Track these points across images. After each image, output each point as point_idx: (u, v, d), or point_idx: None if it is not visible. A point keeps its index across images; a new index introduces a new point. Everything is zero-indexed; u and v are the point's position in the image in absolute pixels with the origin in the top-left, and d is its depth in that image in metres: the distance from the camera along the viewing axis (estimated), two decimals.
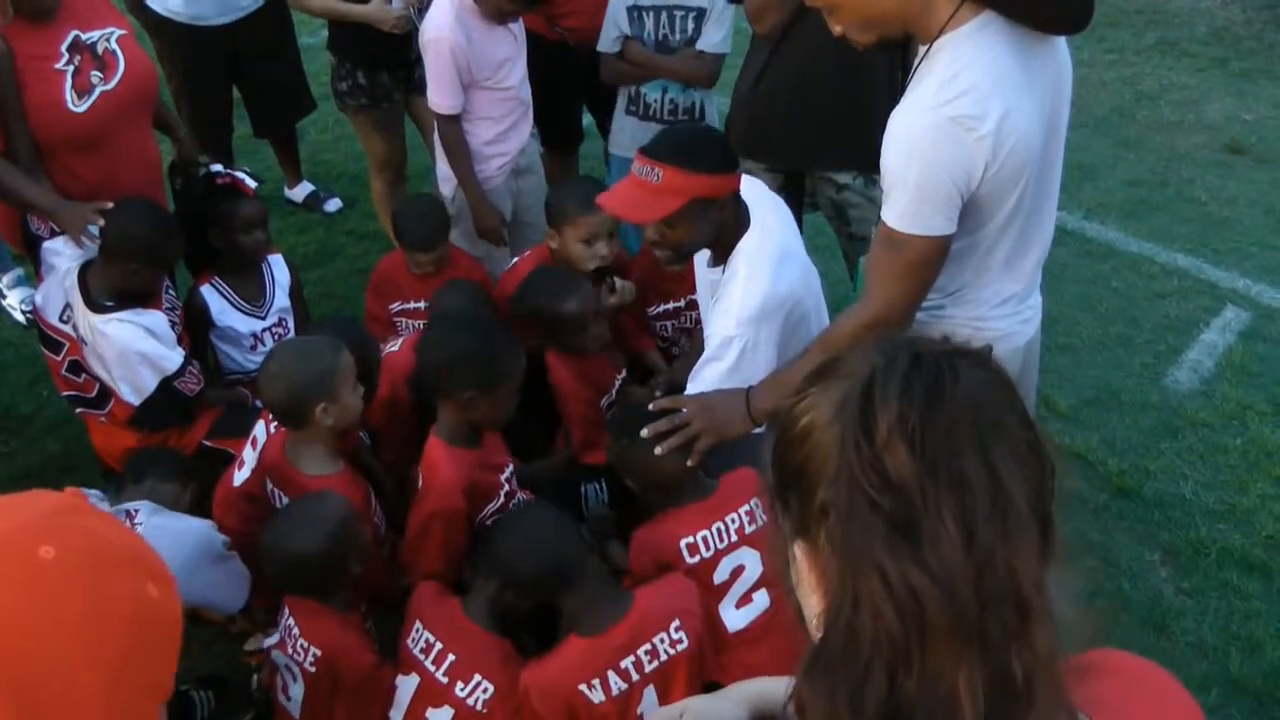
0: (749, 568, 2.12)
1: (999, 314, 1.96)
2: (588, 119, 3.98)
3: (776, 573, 0.88)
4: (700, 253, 2.41)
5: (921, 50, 1.75)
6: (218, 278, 2.96)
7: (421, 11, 3.37)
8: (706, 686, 1.98)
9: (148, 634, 0.88)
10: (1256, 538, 2.99)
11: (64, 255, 2.73)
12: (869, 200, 2.91)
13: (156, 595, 0.90)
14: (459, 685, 2.04)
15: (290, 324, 3.06)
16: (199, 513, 2.40)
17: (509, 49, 3.16)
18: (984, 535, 0.74)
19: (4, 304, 3.95)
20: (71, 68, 2.71)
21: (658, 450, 2.04)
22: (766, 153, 2.95)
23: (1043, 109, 1.75)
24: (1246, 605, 2.79)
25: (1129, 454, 3.30)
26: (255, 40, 3.82)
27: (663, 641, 2.01)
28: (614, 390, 2.72)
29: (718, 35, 3.25)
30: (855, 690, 0.75)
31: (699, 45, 3.27)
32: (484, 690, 2.03)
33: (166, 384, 2.65)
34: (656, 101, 3.41)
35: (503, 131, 3.24)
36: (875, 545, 0.75)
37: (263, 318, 3.00)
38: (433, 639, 2.07)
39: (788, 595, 0.88)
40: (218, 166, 2.97)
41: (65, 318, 2.72)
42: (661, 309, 3.05)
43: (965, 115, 1.65)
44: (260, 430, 2.42)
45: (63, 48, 2.71)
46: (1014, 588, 0.75)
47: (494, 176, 3.28)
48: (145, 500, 2.26)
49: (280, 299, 3.04)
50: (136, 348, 2.59)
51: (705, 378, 2.19)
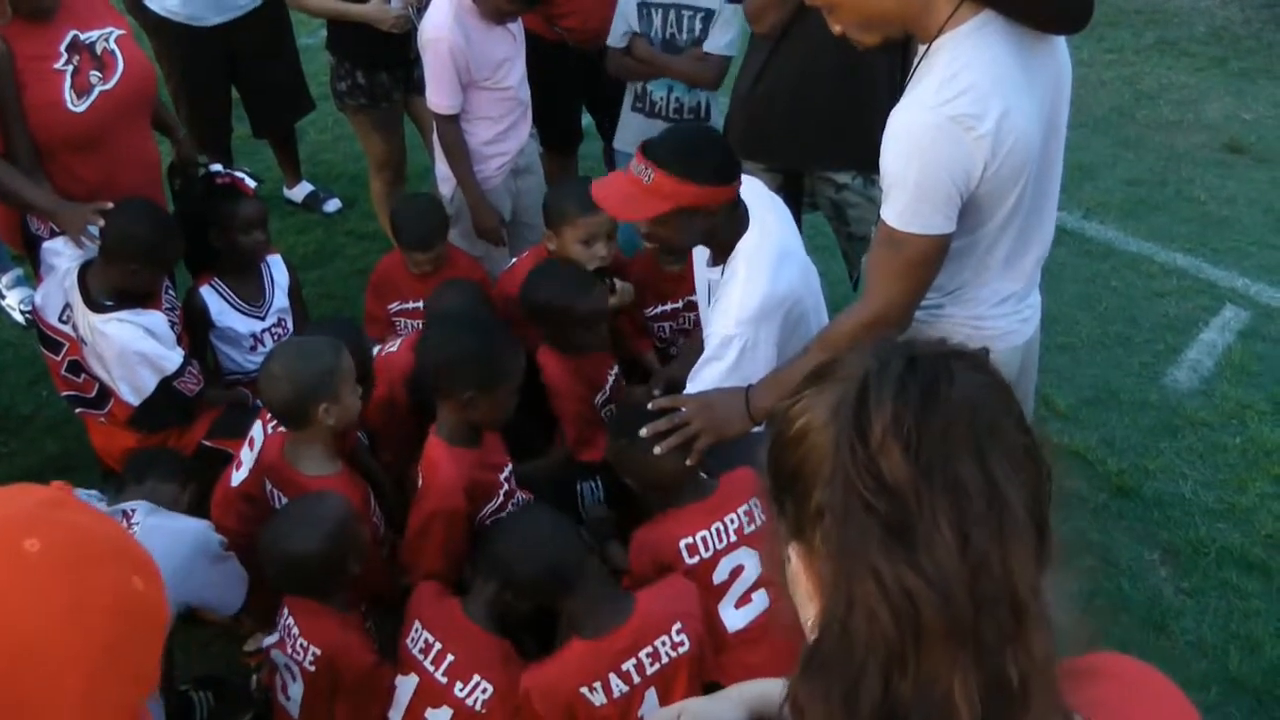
0: (748, 568, 2.12)
1: (998, 313, 1.97)
2: (587, 119, 3.98)
3: (775, 573, 0.88)
4: (699, 253, 2.42)
5: (921, 50, 1.75)
6: (217, 278, 2.96)
7: (420, 11, 3.37)
8: (706, 687, 1.98)
9: (132, 626, 0.89)
10: (1256, 537, 2.99)
11: (63, 255, 2.73)
12: (868, 200, 2.91)
13: (142, 588, 0.90)
14: (458, 685, 2.04)
15: (289, 324, 3.06)
16: (198, 514, 2.40)
17: (508, 49, 3.16)
18: (979, 538, 0.74)
19: (3, 304, 3.95)
20: (70, 68, 2.71)
21: (657, 450, 2.04)
22: (766, 153, 2.95)
23: (1042, 108, 1.76)
24: (1246, 604, 2.79)
25: (1128, 453, 3.31)
26: (253, 40, 3.81)
27: (664, 644, 2.01)
28: (608, 386, 2.72)
29: (724, 38, 3.24)
30: (850, 692, 0.75)
31: (705, 47, 3.26)
32: (483, 691, 2.03)
33: (166, 384, 2.65)
34: (662, 99, 3.40)
35: (502, 131, 3.24)
36: (870, 548, 0.75)
37: (262, 318, 3.00)
38: (432, 639, 2.07)
39: (785, 596, 0.88)
40: (217, 167, 2.98)
41: (65, 318, 2.72)
42: (659, 310, 3.05)
43: (964, 114, 1.65)
44: (258, 431, 2.42)
45: (61, 48, 2.71)
46: (1009, 591, 0.74)
47: (493, 176, 3.28)
48: (143, 500, 2.25)
49: (279, 299, 3.05)
50: (136, 348, 2.59)
51: (705, 377, 2.19)
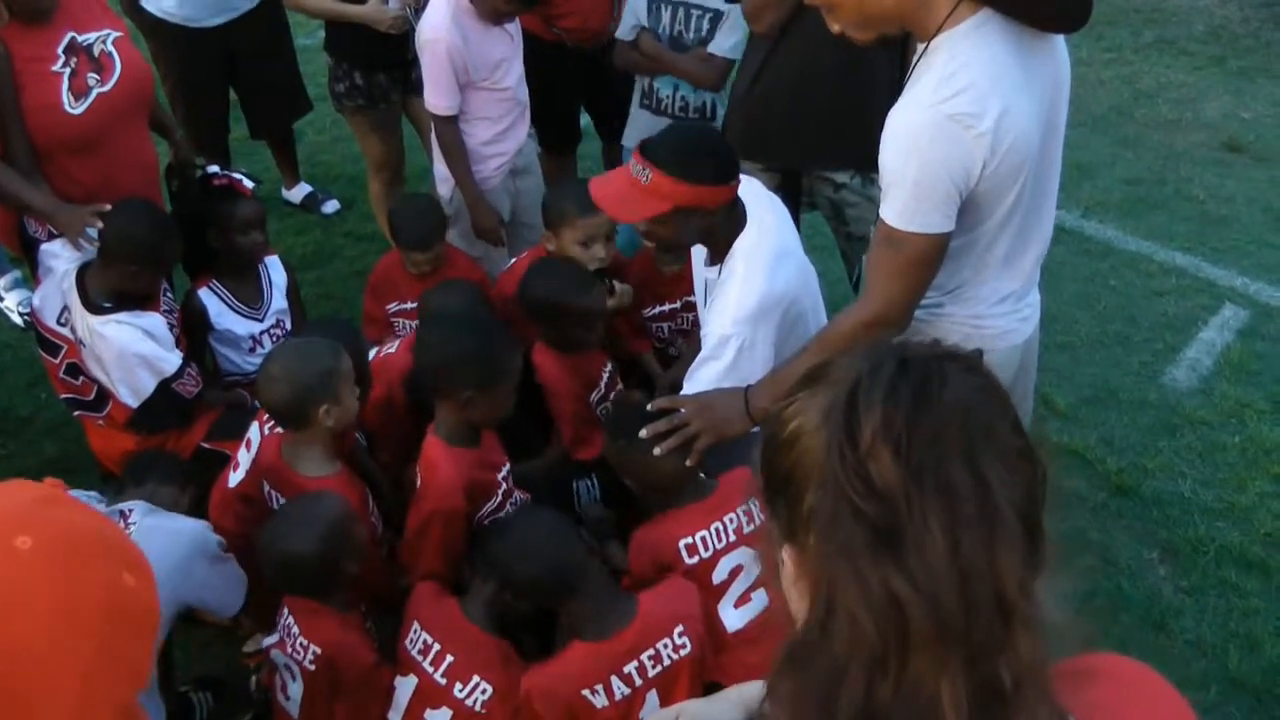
0: (747, 567, 2.12)
1: (998, 312, 1.96)
2: (585, 119, 3.98)
3: (772, 573, 0.88)
4: (697, 252, 2.42)
5: (920, 48, 1.75)
6: (215, 280, 2.96)
7: (418, 12, 3.37)
8: (706, 687, 1.98)
9: (124, 623, 0.89)
10: (1255, 535, 2.99)
11: (62, 258, 2.73)
12: (867, 199, 2.90)
13: (133, 584, 0.90)
14: (457, 686, 2.03)
15: (288, 325, 3.05)
16: (197, 516, 2.40)
17: (505, 49, 3.16)
18: (969, 542, 0.73)
19: (2, 306, 3.95)
20: (68, 70, 2.71)
21: (657, 450, 2.03)
22: (764, 152, 2.95)
23: (1041, 107, 1.75)
24: (1245, 603, 2.79)
25: (1127, 452, 3.31)
26: (250, 41, 3.81)
27: (666, 647, 2.01)
28: (602, 384, 2.72)
29: (729, 41, 3.23)
30: (828, 694, 0.75)
31: (710, 48, 3.25)
32: (483, 691, 2.03)
33: (164, 386, 2.64)
34: (668, 98, 3.40)
35: (500, 132, 3.24)
36: (858, 552, 0.74)
37: (260, 320, 3.00)
38: (431, 640, 2.07)
39: (782, 597, 0.88)
40: (214, 168, 2.97)
41: (63, 320, 2.72)
42: (658, 310, 3.05)
43: (963, 113, 1.65)
44: (254, 432, 2.42)
45: (59, 50, 2.70)
46: (999, 594, 0.74)
47: (491, 177, 3.28)
48: (141, 501, 2.25)
49: (278, 301, 3.04)
50: (135, 349, 2.59)
51: (702, 377, 2.19)
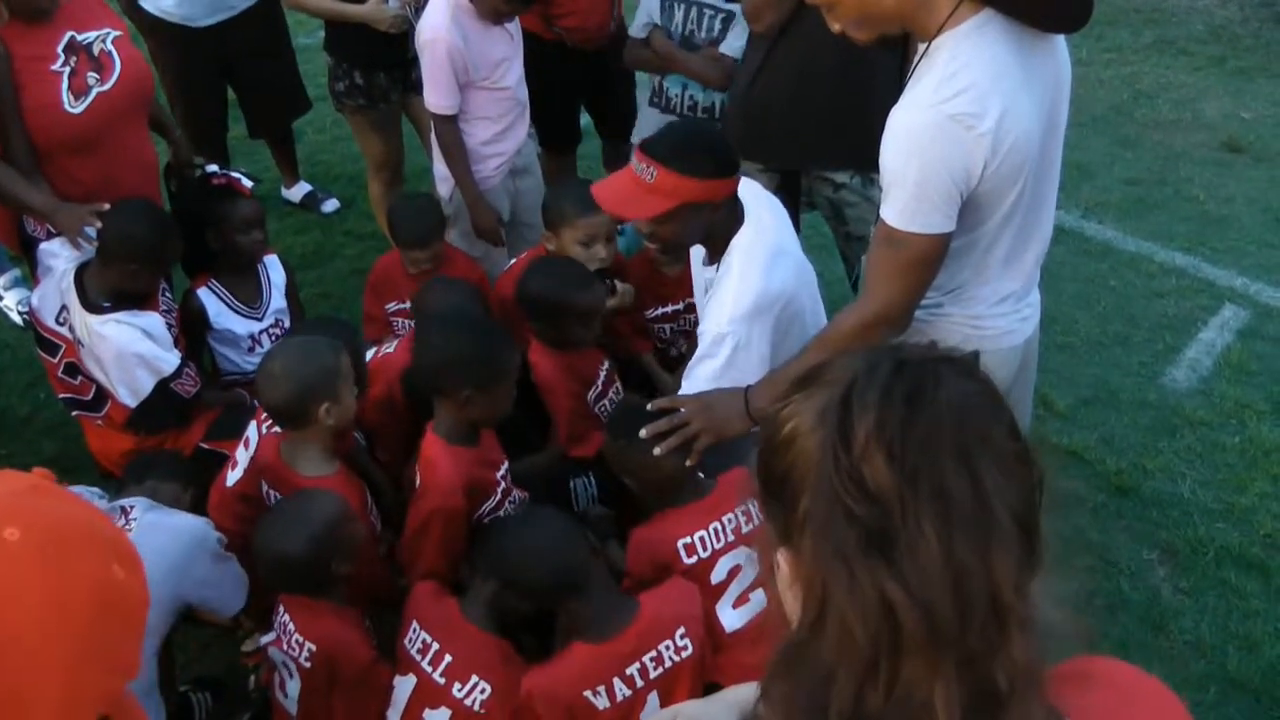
0: (746, 568, 2.11)
1: (998, 312, 1.96)
2: (586, 119, 3.98)
3: (768, 574, 0.88)
4: (696, 252, 2.42)
5: (921, 48, 1.75)
6: (214, 279, 2.96)
7: (418, 11, 3.36)
8: (705, 688, 1.98)
9: (112, 614, 0.89)
10: (1255, 536, 2.99)
11: (60, 257, 2.73)
12: (866, 199, 2.90)
13: (122, 576, 0.90)
14: (456, 686, 2.03)
15: (287, 325, 3.05)
16: (198, 515, 2.40)
17: (505, 49, 3.16)
18: (963, 546, 0.73)
19: (1, 305, 3.95)
20: (68, 69, 2.71)
21: (657, 450, 2.03)
22: (763, 152, 2.95)
23: (1042, 107, 1.75)
24: (1244, 604, 2.79)
25: (1127, 453, 3.30)
26: (248, 40, 3.81)
27: (668, 648, 2.01)
28: (599, 382, 2.71)
29: (740, 41, 3.21)
30: (817, 697, 0.75)
31: (721, 48, 3.25)
32: (482, 691, 2.03)
33: (163, 386, 2.64)
34: (677, 96, 3.40)
35: (500, 131, 3.24)
36: (851, 555, 0.74)
37: (260, 319, 3.00)
38: (430, 639, 2.07)
39: (778, 598, 0.88)
40: (213, 167, 2.97)
41: (61, 319, 2.72)
42: (659, 312, 3.05)
43: (964, 113, 1.65)
44: (252, 431, 2.42)
45: (59, 49, 2.70)
46: (994, 598, 0.73)
47: (491, 176, 3.28)
48: (142, 498, 2.25)
49: (277, 300, 3.04)
50: (133, 349, 2.59)
51: (699, 375, 2.19)
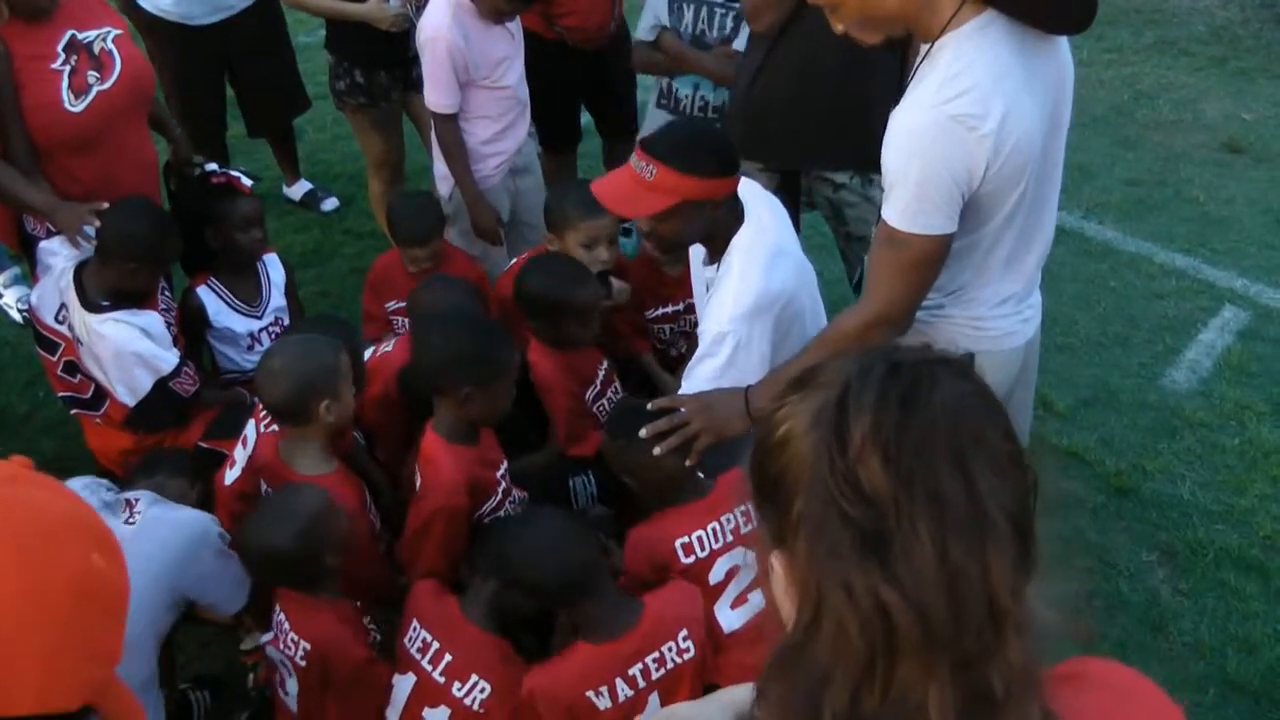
0: (744, 568, 2.11)
1: (999, 313, 1.96)
2: (586, 118, 3.98)
3: (765, 576, 0.87)
4: (696, 251, 2.41)
5: (923, 49, 1.75)
6: (214, 278, 2.96)
7: (418, 10, 3.36)
8: (705, 689, 1.98)
9: (92, 603, 0.88)
10: (1254, 538, 2.99)
11: (60, 255, 2.72)
12: (866, 200, 2.90)
13: (101, 565, 0.90)
14: (456, 685, 2.03)
15: (286, 323, 3.05)
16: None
17: (506, 48, 3.16)
18: (958, 549, 0.73)
19: (1, 303, 3.94)
20: (68, 68, 2.70)
21: (656, 450, 2.03)
22: (763, 152, 2.94)
23: (1044, 108, 1.75)
24: (1244, 606, 2.79)
25: (1127, 454, 3.30)
26: (247, 39, 3.80)
27: (671, 650, 2.01)
28: (598, 381, 2.71)
29: None
30: (812, 700, 0.75)
31: (735, 45, 3.23)
32: (481, 690, 2.03)
33: (162, 385, 2.64)
34: (688, 97, 3.38)
35: (500, 131, 3.23)
36: (845, 558, 0.74)
37: (259, 317, 3.00)
38: (430, 638, 2.07)
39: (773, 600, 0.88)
40: (213, 166, 2.97)
41: (61, 318, 2.72)
42: (659, 312, 3.05)
43: (966, 114, 1.65)
44: (250, 430, 2.42)
45: (59, 48, 2.70)
46: (990, 601, 0.73)
47: (491, 176, 3.27)
48: (147, 491, 2.26)
49: (276, 298, 3.04)
50: (132, 348, 2.59)
51: (699, 375, 2.19)
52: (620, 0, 3.66)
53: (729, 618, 2.13)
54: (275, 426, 2.34)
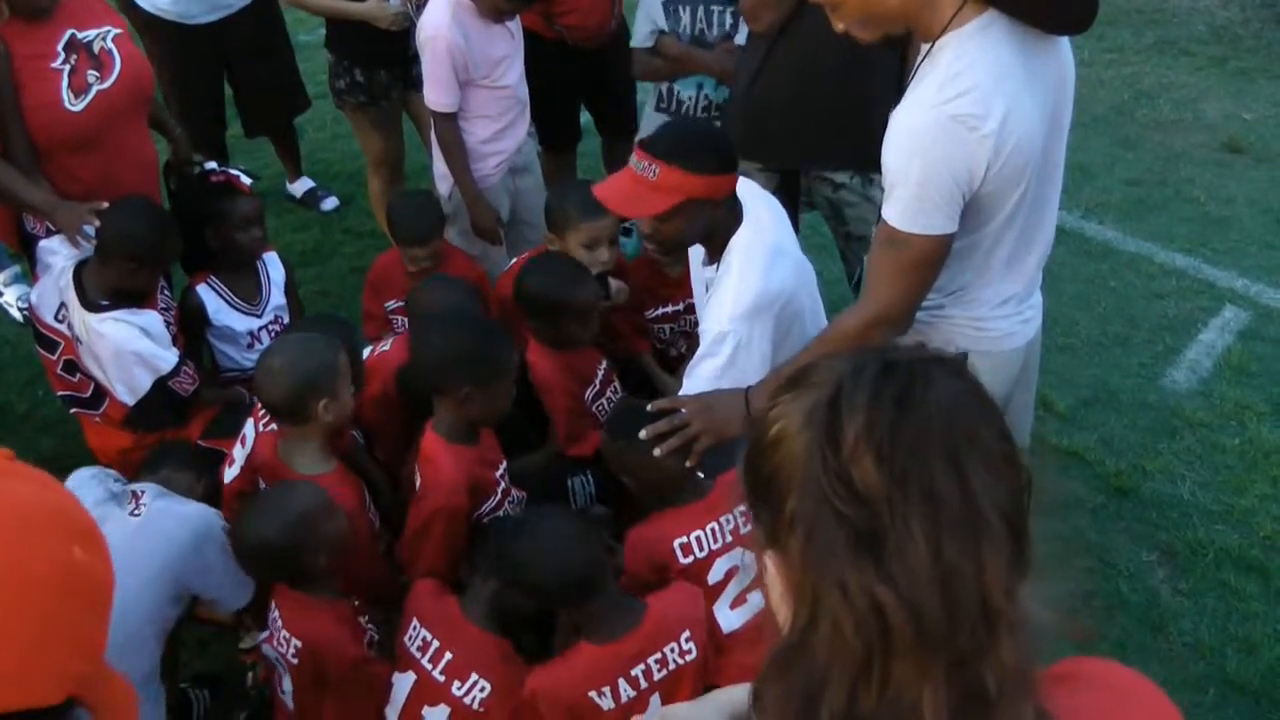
0: (744, 569, 2.11)
1: (1000, 314, 1.96)
2: (585, 117, 3.97)
3: (763, 577, 0.87)
4: (695, 252, 2.41)
5: (924, 48, 1.75)
6: (214, 276, 2.95)
7: (419, 8, 3.36)
8: (705, 690, 1.98)
9: (72, 597, 0.88)
10: (1254, 538, 2.99)
11: (59, 254, 2.72)
12: (866, 199, 2.90)
13: (82, 558, 0.89)
14: (456, 684, 2.03)
15: (286, 321, 3.05)
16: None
17: (506, 47, 3.16)
18: (952, 548, 0.73)
19: (1, 302, 3.94)
20: (68, 67, 2.70)
21: (657, 451, 2.03)
22: (763, 152, 2.94)
23: (1045, 109, 1.75)
24: (1244, 606, 2.79)
25: (1127, 454, 3.30)
26: (245, 38, 3.80)
27: (673, 651, 2.01)
28: (597, 381, 2.71)
29: None
30: (810, 700, 0.75)
31: (738, 40, 3.21)
32: (481, 689, 2.03)
33: (161, 384, 2.64)
34: (691, 99, 3.35)
35: (500, 130, 3.23)
36: (839, 558, 0.74)
37: (259, 316, 3.00)
38: (430, 637, 2.07)
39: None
40: (212, 165, 2.97)
41: (60, 317, 2.72)
42: (659, 312, 3.05)
43: (967, 114, 1.65)
44: (249, 429, 2.42)
45: (59, 47, 2.70)
46: (983, 600, 0.73)
47: (491, 175, 3.27)
48: (153, 484, 2.26)
49: (276, 297, 3.04)
50: (131, 347, 2.59)
51: (700, 374, 2.19)
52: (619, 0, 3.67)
53: (728, 618, 2.13)
54: (274, 425, 2.34)
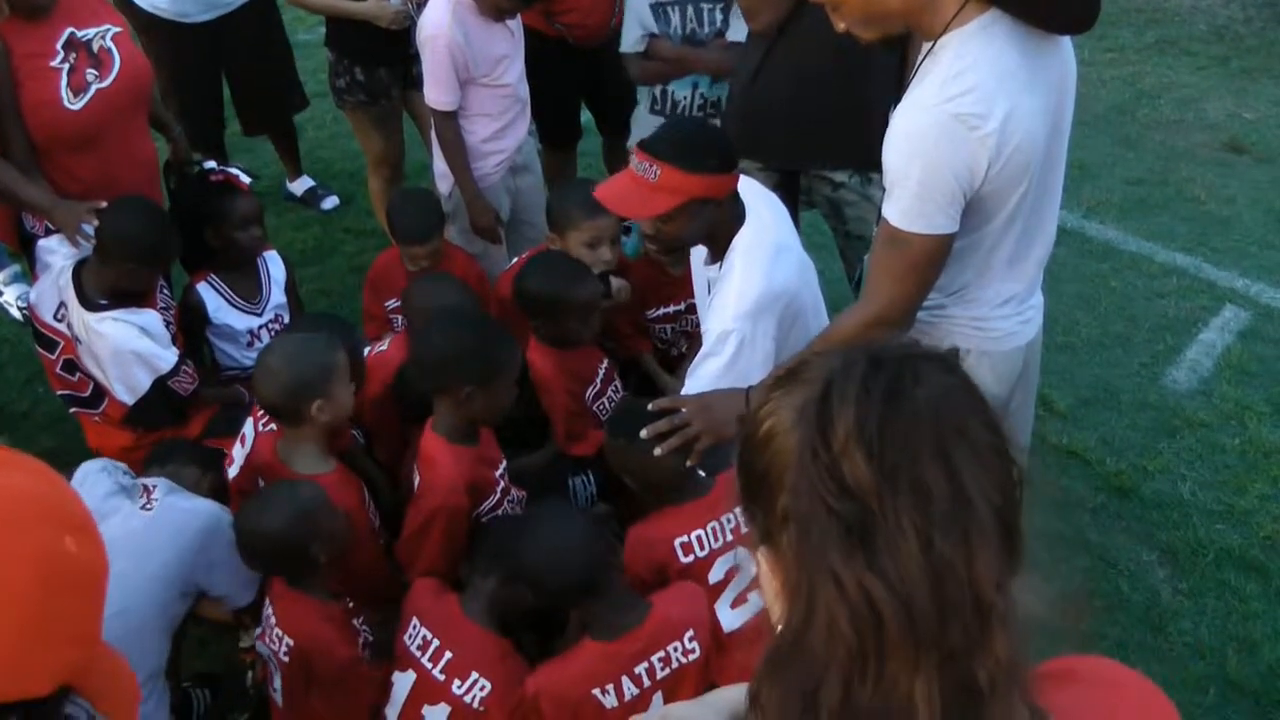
0: (744, 568, 2.11)
1: (1000, 314, 1.96)
2: (586, 116, 3.97)
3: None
4: (697, 251, 2.41)
5: (925, 47, 1.75)
6: (214, 275, 2.95)
7: (419, 7, 3.36)
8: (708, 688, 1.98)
9: (64, 587, 0.88)
10: (1254, 538, 2.99)
11: (59, 254, 2.72)
12: (866, 199, 2.89)
13: (75, 549, 0.90)
14: (456, 683, 2.03)
15: (286, 320, 3.05)
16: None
17: (506, 46, 3.15)
18: (943, 541, 0.73)
19: (1, 300, 3.94)
20: (67, 65, 2.70)
21: (657, 451, 2.03)
22: (763, 152, 2.94)
23: (1046, 108, 1.75)
24: (1244, 606, 2.78)
25: (1127, 454, 3.30)
26: (243, 37, 3.80)
27: (676, 650, 2.01)
28: (598, 380, 2.71)
29: (745, 27, 3.18)
30: (808, 696, 0.75)
31: (729, 36, 3.20)
32: (481, 688, 2.03)
33: (160, 383, 2.64)
34: (686, 99, 3.33)
35: (500, 129, 3.23)
36: (831, 553, 0.74)
37: (259, 314, 3.00)
38: (430, 636, 2.07)
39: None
40: (212, 164, 2.97)
41: (60, 316, 2.72)
42: (661, 312, 3.04)
43: (968, 113, 1.64)
44: (249, 428, 2.42)
45: (58, 45, 2.70)
46: (974, 594, 0.73)
47: (491, 174, 3.27)
48: (164, 479, 2.27)
49: (276, 295, 3.04)
50: (131, 347, 2.59)
51: (702, 373, 2.19)
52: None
53: (729, 617, 2.13)
54: (273, 425, 2.34)
